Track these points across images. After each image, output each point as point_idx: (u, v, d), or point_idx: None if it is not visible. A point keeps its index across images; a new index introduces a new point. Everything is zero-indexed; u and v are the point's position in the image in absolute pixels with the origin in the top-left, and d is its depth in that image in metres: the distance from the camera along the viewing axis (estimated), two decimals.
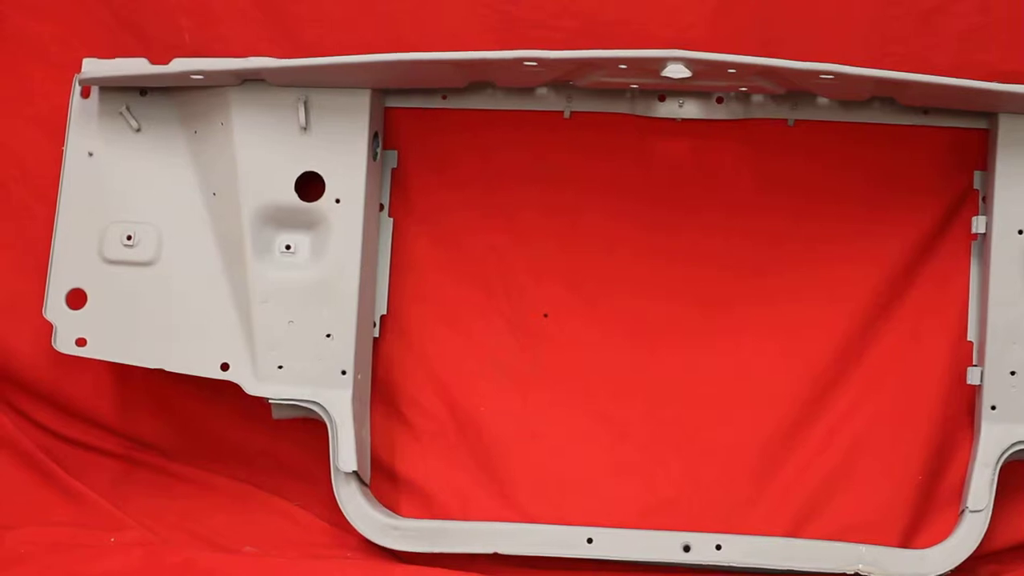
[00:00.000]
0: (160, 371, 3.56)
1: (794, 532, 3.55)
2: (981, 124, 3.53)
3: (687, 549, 3.50)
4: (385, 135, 3.66)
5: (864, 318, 3.58)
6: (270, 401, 3.56)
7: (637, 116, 3.61)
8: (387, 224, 3.67)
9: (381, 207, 3.66)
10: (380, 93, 3.60)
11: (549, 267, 3.66)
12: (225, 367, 3.54)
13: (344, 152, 3.53)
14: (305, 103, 3.51)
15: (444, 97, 3.65)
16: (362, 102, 3.53)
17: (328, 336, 3.53)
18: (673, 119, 3.61)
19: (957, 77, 3.36)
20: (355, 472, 3.53)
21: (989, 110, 3.49)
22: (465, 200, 3.67)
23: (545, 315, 3.66)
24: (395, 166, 3.68)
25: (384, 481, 3.67)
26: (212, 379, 3.56)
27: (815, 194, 3.60)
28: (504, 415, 3.65)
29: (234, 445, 3.76)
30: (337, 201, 3.53)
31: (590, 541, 3.51)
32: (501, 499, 3.63)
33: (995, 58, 3.50)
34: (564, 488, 3.62)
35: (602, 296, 3.65)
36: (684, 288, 3.64)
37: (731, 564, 3.49)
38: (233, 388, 3.55)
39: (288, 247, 3.55)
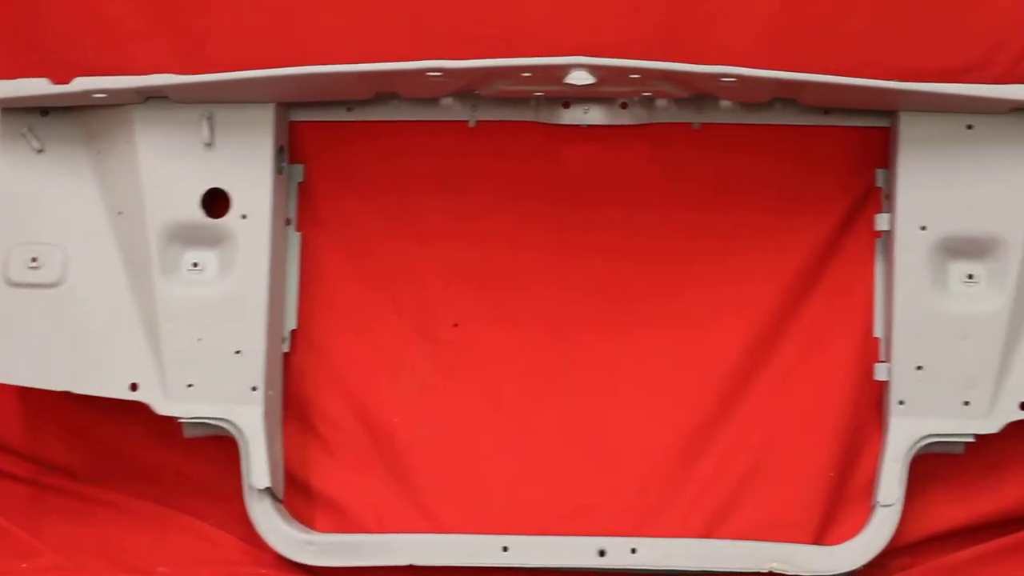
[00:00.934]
0: (68, 393, 3.52)
1: (708, 533, 3.57)
2: (882, 123, 3.57)
3: (602, 554, 3.51)
4: (291, 149, 3.64)
5: (772, 318, 3.61)
6: (180, 420, 3.52)
7: (542, 123, 3.62)
8: (295, 238, 3.66)
9: (288, 221, 3.65)
10: (285, 107, 3.59)
11: (459, 276, 3.66)
12: (134, 387, 3.52)
13: (249, 167, 3.52)
14: (209, 119, 3.50)
15: (349, 109, 3.64)
16: (266, 117, 3.52)
17: (238, 353, 3.51)
18: (578, 125, 3.62)
19: (857, 77, 3.40)
20: (268, 488, 3.52)
21: (890, 108, 3.53)
22: (373, 212, 3.66)
23: (455, 325, 3.65)
24: (301, 180, 3.67)
25: (298, 496, 3.65)
26: (121, 400, 3.51)
27: (721, 196, 3.62)
28: (417, 425, 3.64)
29: (146, 465, 3.73)
30: (244, 217, 3.52)
31: (505, 549, 3.52)
32: (416, 510, 3.62)
33: (895, 57, 3.54)
34: (479, 497, 3.62)
35: (512, 303, 3.65)
36: (594, 294, 3.65)
37: (646, 567, 3.50)
38: (143, 408, 3.53)
39: (195, 264, 3.54)
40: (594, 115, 3.61)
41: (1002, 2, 3.52)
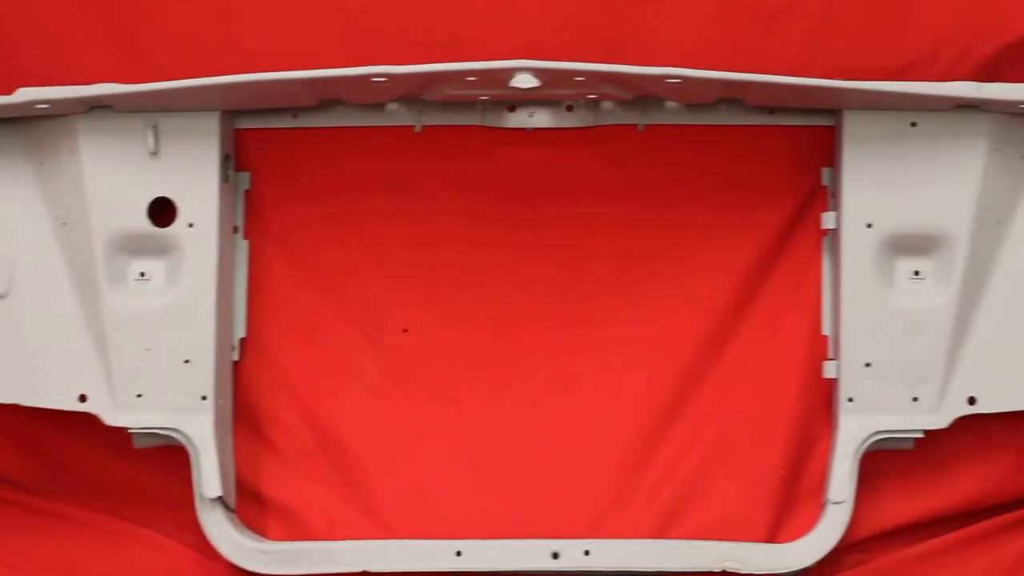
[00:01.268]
0: (17, 406, 3.50)
1: (661, 533, 3.58)
2: (827, 121, 3.58)
3: (556, 556, 3.52)
4: (237, 157, 3.63)
5: (721, 317, 3.62)
6: (130, 431, 3.51)
7: (488, 127, 3.62)
8: (242, 246, 3.65)
9: (235, 229, 3.64)
10: (230, 115, 3.58)
11: (407, 281, 3.66)
12: (83, 398, 3.51)
13: (195, 176, 3.51)
14: (154, 128, 3.48)
15: (295, 116, 3.64)
16: (211, 125, 3.51)
17: (187, 362, 3.50)
18: (524, 129, 3.62)
19: (802, 76, 3.41)
20: (220, 498, 3.51)
21: (834, 107, 3.54)
22: (320, 218, 3.66)
23: (405, 330, 3.65)
24: (248, 187, 3.66)
25: (250, 505, 3.64)
26: (71, 411, 3.50)
27: (667, 197, 3.63)
28: (367, 431, 3.64)
29: (97, 477, 3.71)
30: (190, 225, 3.50)
31: (459, 554, 3.52)
32: (368, 516, 3.62)
33: (838, 56, 3.55)
34: (431, 502, 3.63)
35: (461, 307, 3.66)
36: (542, 296, 3.66)
37: (600, 568, 3.51)
38: (93, 419, 3.51)
39: (142, 274, 3.52)
40: (540, 118, 3.61)
41: (943, 0, 3.52)
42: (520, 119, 3.62)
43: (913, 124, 3.47)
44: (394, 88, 3.42)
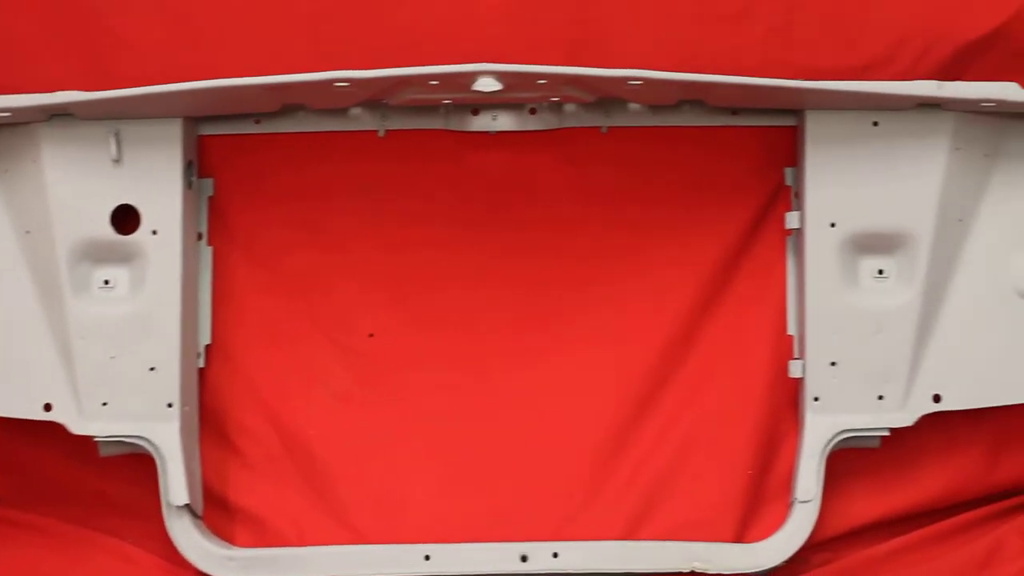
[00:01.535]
0: None
1: (630, 535, 3.58)
2: (789, 121, 3.59)
3: (524, 559, 3.52)
4: (200, 163, 3.62)
5: (686, 318, 3.63)
6: (96, 439, 3.50)
7: (452, 131, 3.62)
8: (206, 253, 3.64)
9: (199, 236, 3.63)
10: (192, 121, 3.57)
11: (372, 286, 3.65)
12: (48, 407, 3.49)
13: (158, 183, 3.50)
14: (116, 136, 3.47)
15: (257, 122, 3.63)
16: (174, 132, 3.50)
17: (152, 369, 3.49)
18: (487, 132, 3.62)
19: (764, 77, 3.43)
20: (187, 505, 3.50)
21: (796, 107, 3.55)
22: (284, 223, 3.65)
23: (371, 335, 3.64)
24: (211, 194, 3.65)
25: (218, 512, 3.63)
26: (36, 420, 3.49)
27: (632, 198, 3.63)
28: (335, 436, 3.63)
29: (63, 486, 3.69)
30: (154, 233, 3.49)
31: (427, 558, 3.53)
32: (336, 522, 3.61)
33: (800, 56, 3.56)
34: (399, 506, 3.62)
35: (427, 312, 3.65)
36: (509, 299, 3.66)
37: (568, 571, 3.51)
38: (59, 428, 3.50)
39: (106, 282, 3.51)
40: (503, 121, 3.61)
41: None
42: (483, 122, 3.61)
43: (875, 123, 3.48)
44: (357, 93, 3.42)
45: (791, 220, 3.56)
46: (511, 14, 3.55)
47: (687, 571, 3.51)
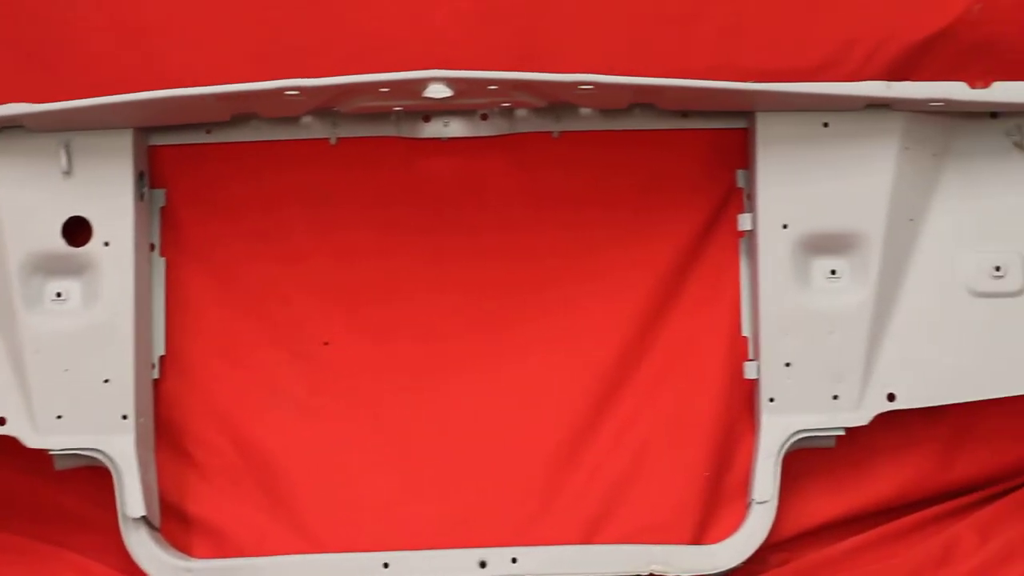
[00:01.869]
0: None
1: (588, 538, 3.58)
2: (740, 123, 3.60)
3: (483, 565, 3.52)
4: (151, 174, 3.61)
5: (641, 321, 3.63)
6: (51, 453, 3.48)
7: (403, 138, 3.62)
8: (159, 263, 3.63)
9: (152, 247, 3.62)
10: (143, 132, 3.56)
11: (326, 293, 3.65)
12: (2, 421, 3.48)
13: (110, 194, 3.48)
14: (67, 147, 3.46)
15: (208, 131, 3.62)
16: (125, 143, 3.49)
17: (106, 382, 3.48)
18: (439, 138, 3.62)
19: (714, 80, 3.43)
20: (144, 517, 3.49)
21: (746, 109, 3.56)
22: (237, 233, 3.64)
23: (326, 343, 3.64)
24: (164, 204, 3.63)
25: (175, 523, 3.62)
26: None
27: (584, 203, 3.64)
28: (292, 446, 3.63)
29: (19, 500, 3.67)
30: (106, 244, 3.48)
31: (386, 566, 3.52)
32: (295, 531, 3.60)
33: (750, 59, 3.56)
34: (358, 515, 3.61)
35: (381, 319, 3.65)
36: (464, 305, 3.65)
37: None
38: (13, 442, 3.48)
39: (59, 294, 3.50)
40: (454, 127, 3.61)
41: (852, 0, 3.55)
42: (435, 129, 3.61)
43: (825, 124, 3.49)
44: (307, 101, 3.41)
45: (743, 222, 3.57)
46: (462, 21, 3.55)
47: (646, 574, 3.51)
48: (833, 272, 3.53)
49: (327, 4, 3.57)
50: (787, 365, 3.51)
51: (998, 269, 3.51)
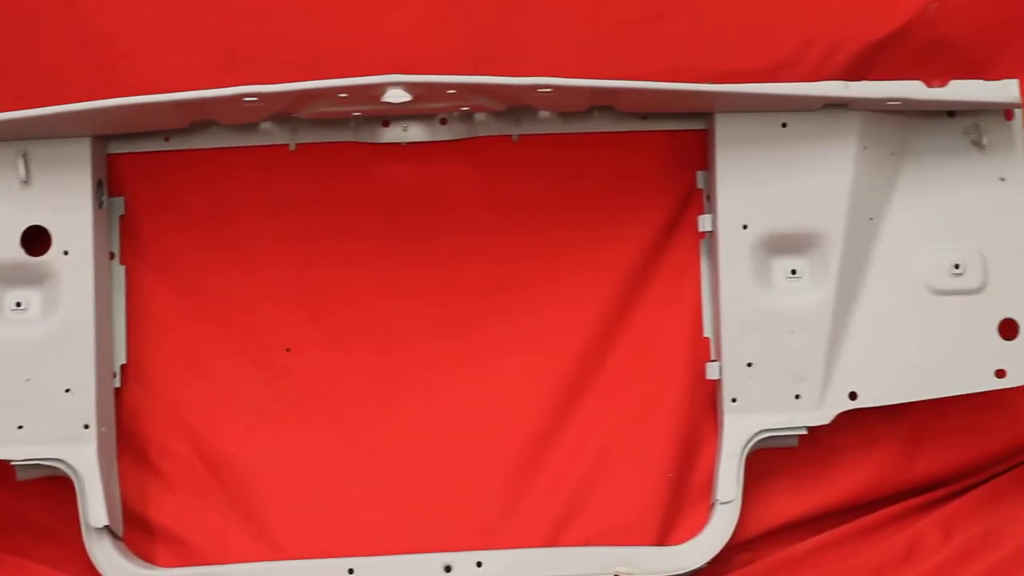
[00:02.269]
0: None
1: (552, 541, 3.58)
2: (699, 125, 3.61)
3: (448, 569, 3.51)
4: (110, 182, 3.60)
5: (603, 324, 3.63)
6: (13, 463, 3.47)
7: (363, 143, 3.62)
8: (119, 272, 3.62)
9: (112, 255, 3.61)
10: (101, 140, 3.55)
11: (288, 300, 3.64)
12: None
13: (68, 203, 3.47)
14: (24, 156, 3.44)
15: (167, 139, 3.61)
16: (83, 151, 3.48)
17: (67, 391, 3.46)
18: (399, 143, 3.62)
19: (672, 81, 3.44)
20: (107, 527, 3.47)
21: (705, 111, 3.57)
22: (197, 241, 3.63)
23: (288, 349, 3.63)
24: (123, 212, 3.62)
25: (138, 532, 3.60)
26: None
27: (545, 206, 3.64)
28: (255, 453, 3.62)
29: None
30: (65, 253, 3.47)
31: (351, 572, 3.51)
32: (259, 538, 3.59)
33: (708, 60, 3.57)
34: (323, 521, 3.60)
35: (344, 324, 3.64)
36: (426, 310, 3.65)
37: None
38: None
39: (18, 304, 3.48)
40: (414, 132, 3.61)
41: (809, 1, 3.56)
42: (394, 134, 3.61)
43: (784, 125, 3.51)
44: (266, 108, 3.41)
45: (704, 223, 3.58)
46: (420, 26, 3.55)
47: (611, 575, 3.50)
48: (794, 272, 3.54)
49: (286, 10, 3.56)
50: (749, 365, 3.52)
51: (957, 267, 3.52)
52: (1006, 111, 3.56)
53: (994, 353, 3.52)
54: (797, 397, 3.51)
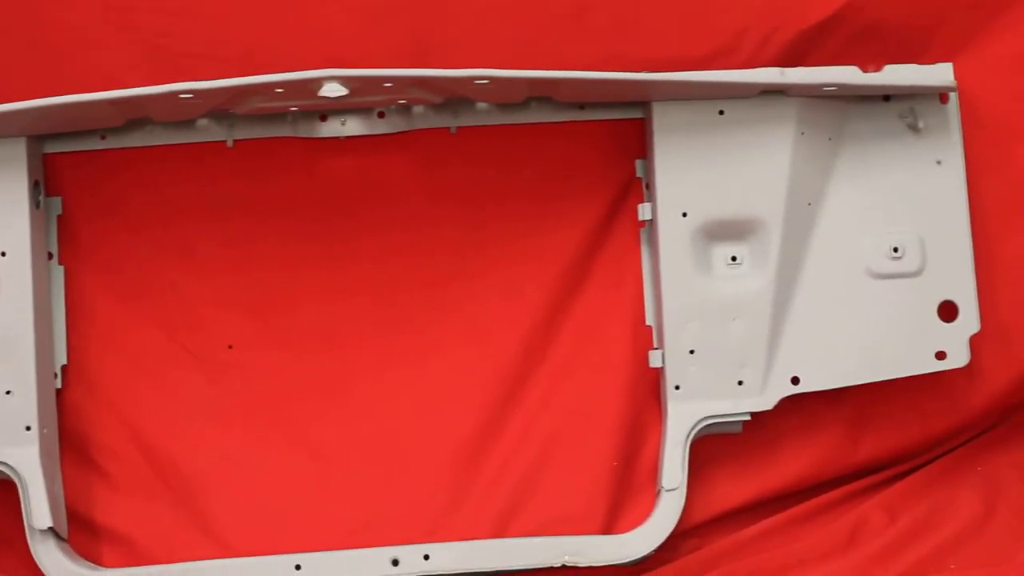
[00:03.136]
0: None
1: (499, 532, 3.58)
2: (637, 114, 3.62)
3: (396, 563, 3.51)
4: (47, 182, 3.57)
5: (545, 314, 3.64)
6: None
7: (301, 138, 3.60)
8: (58, 272, 3.59)
9: (50, 256, 3.58)
10: (36, 140, 3.53)
11: (229, 297, 3.63)
12: None
13: (5, 204, 3.45)
14: None
15: (103, 138, 3.59)
16: (18, 151, 3.46)
17: (8, 393, 3.44)
18: (337, 137, 3.61)
19: (610, 71, 3.45)
20: (51, 528, 3.45)
21: (642, 99, 3.58)
22: (136, 239, 3.61)
23: (230, 347, 3.62)
24: (60, 212, 3.60)
25: (83, 533, 3.58)
26: None
27: (485, 198, 3.64)
28: (200, 451, 3.60)
29: None
30: (3, 255, 3.45)
31: (298, 568, 3.50)
32: (206, 536, 3.58)
33: (643, 48, 3.57)
34: (270, 518, 3.60)
35: (286, 320, 3.63)
36: (368, 305, 3.65)
37: (440, 572, 3.50)
38: None
39: None
40: (352, 126, 3.60)
41: None
42: (332, 128, 3.60)
43: (721, 112, 3.52)
44: (202, 104, 3.39)
45: (643, 211, 3.59)
46: (355, 19, 3.54)
47: (558, 565, 3.51)
48: (734, 259, 3.55)
49: (221, 5, 3.54)
50: (691, 352, 3.53)
51: (896, 250, 3.54)
52: (941, 94, 3.58)
53: (934, 335, 3.54)
54: (740, 383, 3.53)
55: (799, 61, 3.56)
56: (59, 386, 3.58)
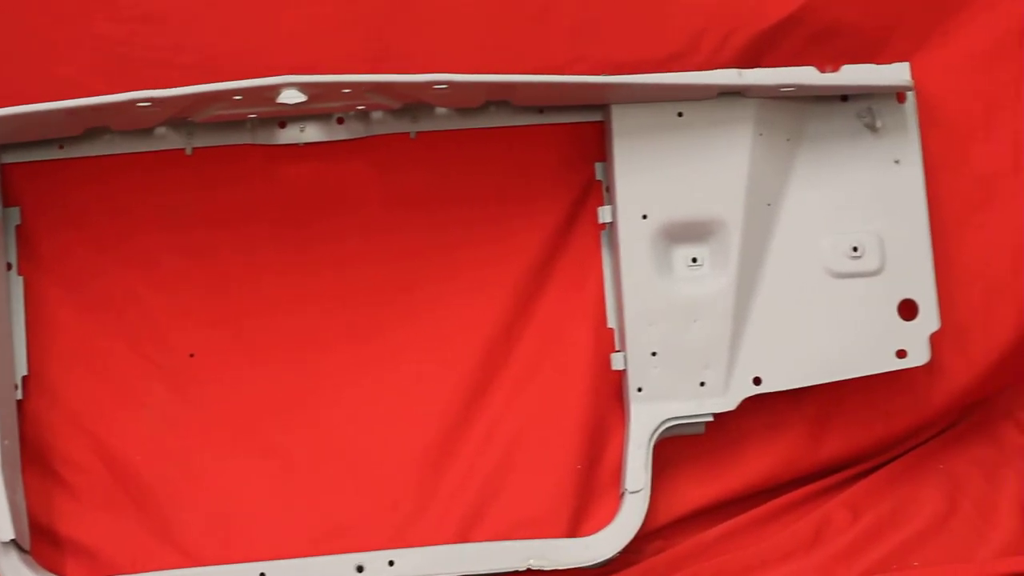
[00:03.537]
0: None
1: (464, 537, 3.58)
2: (596, 117, 3.62)
3: (360, 570, 3.50)
4: (5, 192, 3.56)
5: (507, 318, 3.64)
6: None
7: (260, 145, 3.60)
8: (17, 283, 3.57)
9: (9, 266, 3.57)
10: None
11: (191, 306, 3.61)
12: None
13: None
14: None
15: (61, 147, 3.57)
16: None
17: None
18: (296, 144, 3.60)
19: (567, 74, 3.45)
20: (13, 540, 3.43)
21: (601, 102, 3.58)
22: (96, 248, 3.60)
23: (191, 355, 3.61)
24: (19, 222, 3.58)
25: (46, 545, 3.56)
26: None
27: (445, 202, 3.64)
28: (163, 461, 3.59)
29: None
30: None
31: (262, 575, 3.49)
32: (171, 547, 3.56)
33: (602, 52, 3.58)
34: (234, 527, 3.58)
35: (248, 328, 3.62)
36: (330, 312, 3.64)
37: None
38: None
39: None
40: (311, 132, 3.59)
41: None
42: (291, 135, 3.60)
43: (680, 114, 3.53)
44: (160, 112, 3.38)
45: (603, 214, 3.59)
46: (312, 25, 3.53)
47: (523, 569, 3.51)
48: (694, 260, 3.56)
49: (177, 13, 3.53)
50: (653, 354, 3.54)
51: (855, 249, 3.55)
52: (898, 94, 3.60)
53: (894, 334, 3.56)
54: (702, 384, 3.54)
55: (757, 62, 3.58)
56: (20, 397, 3.56)
